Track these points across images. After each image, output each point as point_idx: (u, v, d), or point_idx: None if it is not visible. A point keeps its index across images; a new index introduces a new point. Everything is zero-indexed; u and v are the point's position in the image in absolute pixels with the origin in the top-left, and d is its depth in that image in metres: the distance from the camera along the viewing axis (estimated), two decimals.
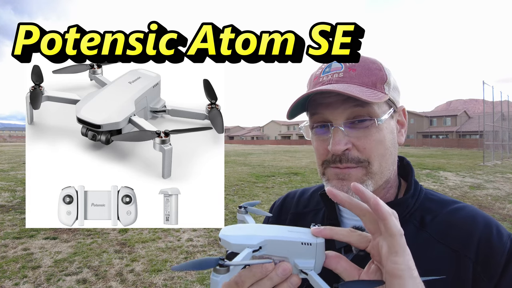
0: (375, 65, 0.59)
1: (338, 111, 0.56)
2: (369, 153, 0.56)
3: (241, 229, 0.45)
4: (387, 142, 0.58)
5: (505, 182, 8.96)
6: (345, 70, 0.58)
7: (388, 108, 0.59)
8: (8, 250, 3.69)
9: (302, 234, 0.45)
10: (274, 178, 9.35)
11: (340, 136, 0.55)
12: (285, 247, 0.43)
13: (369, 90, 0.56)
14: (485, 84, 15.06)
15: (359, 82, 0.57)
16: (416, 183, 0.64)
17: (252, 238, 0.43)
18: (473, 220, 0.56)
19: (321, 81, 0.60)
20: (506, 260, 0.51)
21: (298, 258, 0.44)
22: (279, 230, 0.45)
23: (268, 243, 0.43)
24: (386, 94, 0.57)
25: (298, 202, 0.76)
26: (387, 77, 0.59)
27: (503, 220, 5.16)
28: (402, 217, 0.58)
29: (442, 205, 0.60)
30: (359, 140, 0.56)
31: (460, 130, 44.22)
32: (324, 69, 0.61)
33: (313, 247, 0.43)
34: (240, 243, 0.42)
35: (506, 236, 0.54)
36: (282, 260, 0.44)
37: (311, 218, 0.71)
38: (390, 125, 0.59)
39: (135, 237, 4.14)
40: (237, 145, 48.15)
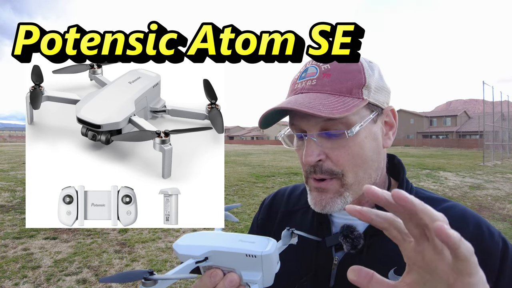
0: (354, 67, 0.56)
1: (311, 122, 0.55)
2: (343, 165, 0.55)
3: (195, 238, 0.45)
4: (365, 151, 0.55)
5: (505, 182, 8.96)
6: (318, 77, 0.56)
7: (370, 112, 0.56)
8: (8, 250, 3.69)
9: (251, 245, 0.43)
10: (274, 178, 9.35)
11: (313, 147, 0.54)
12: (231, 258, 0.42)
13: (340, 99, 0.54)
14: (485, 84, 15.06)
15: (331, 89, 0.55)
16: (407, 181, 0.63)
17: (197, 249, 0.42)
18: (463, 219, 0.56)
19: (295, 88, 0.59)
20: (500, 259, 0.52)
21: (244, 270, 0.43)
22: (230, 240, 0.44)
23: (214, 254, 0.42)
24: (364, 99, 0.55)
25: (288, 200, 0.75)
26: (365, 81, 0.55)
27: (503, 220, 5.16)
28: None
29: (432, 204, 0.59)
30: (333, 151, 0.55)
31: (460, 130, 44.23)
32: (301, 74, 0.59)
33: (257, 259, 0.41)
34: (185, 253, 0.43)
35: (497, 235, 0.54)
36: (230, 271, 0.43)
37: (300, 216, 0.70)
38: (372, 131, 0.56)
39: (135, 237, 4.14)
40: (237, 145, 48.13)
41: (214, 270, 0.43)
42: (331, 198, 0.56)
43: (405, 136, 48.05)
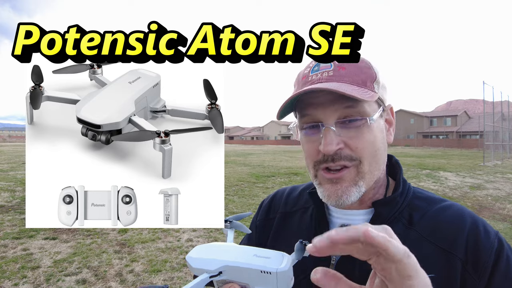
0: (364, 63, 0.59)
1: (328, 111, 0.55)
2: (361, 152, 0.55)
3: (209, 251, 0.44)
4: (378, 142, 0.57)
5: (505, 183, 8.96)
6: (334, 69, 0.57)
7: (378, 107, 0.59)
8: (8, 250, 3.69)
9: (266, 261, 0.42)
10: (274, 178, 9.35)
11: (332, 136, 0.55)
12: (245, 274, 0.42)
13: (361, 88, 0.55)
14: (485, 84, 15.07)
15: (350, 80, 0.56)
16: (404, 181, 0.63)
17: (212, 263, 0.42)
18: (460, 219, 0.56)
19: (310, 80, 0.59)
20: (494, 258, 0.51)
21: (258, 286, 0.42)
22: (245, 254, 0.43)
23: (228, 269, 0.42)
24: (376, 93, 0.57)
25: (287, 201, 0.75)
26: (376, 75, 0.58)
27: (503, 221, 5.16)
28: (391, 215, 0.59)
29: (429, 203, 0.60)
30: (351, 139, 0.55)
31: (460, 130, 44.24)
32: (313, 67, 0.60)
33: (273, 276, 0.41)
34: (200, 267, 0.42)
35: (493, 235, 0.54)
36: (244, 286, 0.43)
37: (299, 217, 0.70)
38: (380, 125, 0.59)
39: (134, 237, 4.14)
40: (237, 145, 48.16)
41: (232, 285, 0.43)
42: (347, 187, 0.56)
43: (405, 136, 48.04)
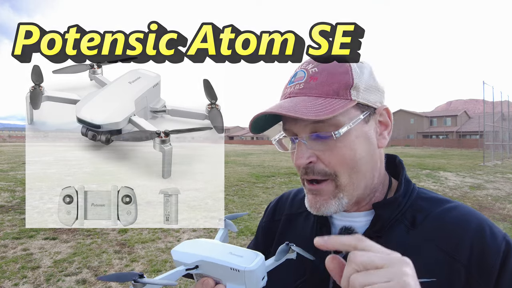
0: (342, 69, 0.56)
1: (301, 125, 0.55)
2: (335, 167, 0.55)
3: (192, 246, 0.48)
4: (357, 152, 0.55)
5: (505, 182, 8.96)
6: (306, 80, 0.56)
7: (360, 113, 0.56)
8: (8, 250, 3.68)
9: (238, 259, 0.45)
10: (274, 179, 9.35)
11: (303, 149, 0.55)
12: (219, 270, 0.45)
13: (327, 101, 0.54)
14: (485, 84, 15.07)
15: (318, 92, 0.55)
16: (407, 182, 0.62)
17: (190, 257, 0.45)
18: (465, 221, 0.55)
19: (285, 93, 0.60)
20: (501, 262, 0.50)
21: (229, 282, 0.45)
22: (221, 251, 0.46)
23: (203, 264, 0.45)
24: (352, 100, 0.54)
25: (292, 203, 0.76)
26: (353, 81, 0.55)
27: (503, 221, 5.16)
28: (393, 217, 0.58)
29: (434, 204, 0.59)
30: (323, 153, 0.55)
31: (460, 130, 44.23)
32: (291, 78, 0.60)
33: (241, 274, 0.43)
34: (179, 260, 0.46)
35: (501, 237, 0.53)
36: (219, 281, 0.46)
37: (303, 219, 0.71)
38: (363, 131, 0.56)
39: (134, 237, 4.14)
40: (237, 145, 48.13)
41: (206, 279, 0.47)
42: (325, 200, 0.57)
43: (405, 136, 48.04)
